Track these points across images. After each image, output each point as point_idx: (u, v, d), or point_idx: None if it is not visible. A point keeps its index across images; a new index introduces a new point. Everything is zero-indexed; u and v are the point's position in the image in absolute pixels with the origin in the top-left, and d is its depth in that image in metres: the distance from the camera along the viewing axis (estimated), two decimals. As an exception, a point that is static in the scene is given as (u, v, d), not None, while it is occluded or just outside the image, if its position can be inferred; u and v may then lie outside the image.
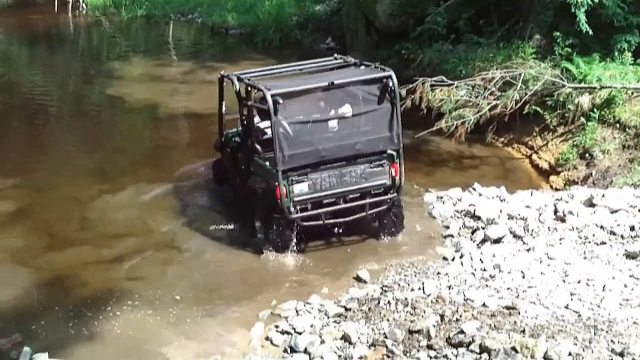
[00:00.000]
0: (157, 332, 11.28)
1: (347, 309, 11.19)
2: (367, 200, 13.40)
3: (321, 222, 13.27)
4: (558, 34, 18.54)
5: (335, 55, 15.64)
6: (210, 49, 31.75)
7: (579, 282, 11.10)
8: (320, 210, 13.17)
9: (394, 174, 13.47)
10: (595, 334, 9.57)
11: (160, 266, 13.14)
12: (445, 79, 17.39)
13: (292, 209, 12.94)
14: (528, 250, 12.40)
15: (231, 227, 14.46)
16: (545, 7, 20.68)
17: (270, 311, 11.58)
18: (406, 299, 11.07)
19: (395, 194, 13.59)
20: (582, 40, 18.36)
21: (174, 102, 22.60)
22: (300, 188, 12.93)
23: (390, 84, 13.21)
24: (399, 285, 11.89)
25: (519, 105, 17.00)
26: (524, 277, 11.50)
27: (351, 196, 13.36)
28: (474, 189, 15.19)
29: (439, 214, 14.51)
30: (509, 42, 20.23)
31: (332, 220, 13.38)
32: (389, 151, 13.47)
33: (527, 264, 11.87)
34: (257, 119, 14.16)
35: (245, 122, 14.48)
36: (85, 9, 40.35)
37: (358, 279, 12.38)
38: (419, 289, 11.54)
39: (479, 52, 20.68)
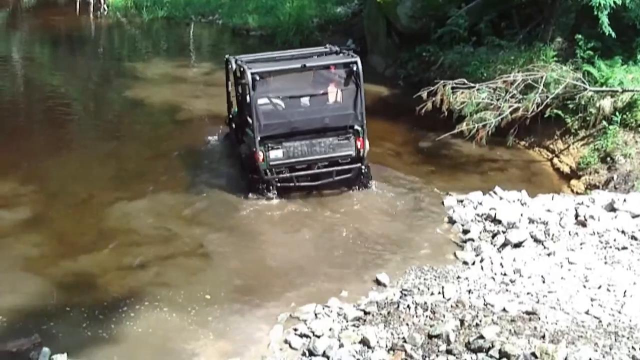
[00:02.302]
0: (179, 330, 11.31)
1: (366, 313, 11.15)
2: (335, 168, 15.64)
3: (293, 184, 15.63)
4: (580, 36, 18.49)
5: (327, 45, 17.84)
6: (231, 50, 31.73)
7: (599, 287, 11.03)
8: (293, 174, 15.57)
9: (359, 146, 15.57)
10: (615, 340, 9.50)
11: (180, 270, 13.12)
12: (466, 81, 17.34)
13: (267, 172, 15.36)
14: (549, 254, 12.34)
15: (256, 230, 14.61)
16: (567, 10, 20.53)
17: (289, 314, 11.59)
18: (426, 303, 11.01)
19: (360, 164, 15.70)
20: (604, 43, 18.30)
21: (195, 104, 22.53)
22: (276, 154, 15.35)
23: (355, 68, 15.36)
24: (418, 289, 11.86)
25: (540, 108, 16.94)
26: (544, 281, 11.45)
27: (321, 164, 15.63)
28: (495, 193, 15.14)
29: (460, 218, 14.46)
30: (530, 44, 20.11)
31: (304, 184, 15.78)
32: (356, 127, 15.59)
33: (548, 268, 11.81)
34: (248, 97, 15.77)
35: (240, 98, 16.81)
36: (106, 10, 40.50)
37: (377, 282, 12.38)
38: (439, 293, 11.50)
39: (500, 54, 20.57)
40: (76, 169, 17.60)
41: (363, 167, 15.82)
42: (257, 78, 15.04)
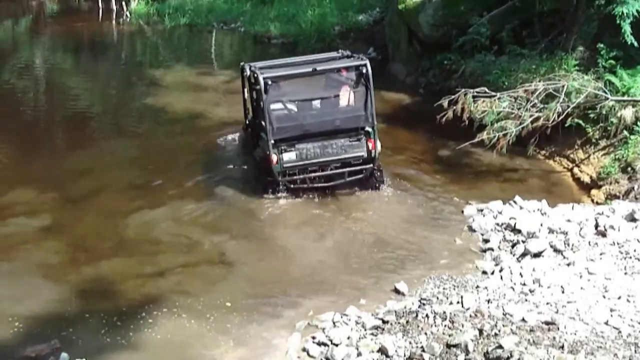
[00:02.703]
0: (199, 337, 11.36)
1: (384, 322, 11.13)
2: (347, 169, 16.04)
3: (306, 185, 16.00)
4: (602, 45, 18.41)
5: (339, 50, 18.43)
6: (252, 58, 31.80)
7: (619, 298, 10.97)
8: (306, 175, 15.97)
9: (370, 147, 15.90)
10: (635, 351, 9.44)
11: (200, 278, 13.15)
12: (487, 90, 17.28)
13: (281, 174, 15.77)
14: (568, 264, 12.28)
15: (274, 237, 14.69)
16: (589, 19, 20.50)
17: (308, 322, 11.58)
18: (444, 312, 10.99)
19: (371, 165, 16.05)
20: (626, 52, 18.21)
21: (215, 111, 22.60)
22: (289, 156, 15.72)
23: (364, 71, 15.74)
24: (437, 298, 11.84)
25: (561, 117, 16.86)
26: (563, 292, 11.40)
27: (334, 165, 16.00)
28: (515, 202, 15.10)
29: (479, 227, 14.43)
30: (552, 53, 20.06)
31: (317, 185, 16.10)
32: (367, 128, 15.93)
33: (567, 278, 11.75)
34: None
35: (254, 103, 17.33)
36: (129, 17, 40.84)
37: (396, 291, 12.36)
38: (458, 302, 11.47)
39: (521, 63, 20.51)
40: (96, 176, 17.67)
41: (375, 167, 16.18)
42: (269, 82, 15.47)
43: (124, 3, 42.31)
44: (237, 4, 39.60)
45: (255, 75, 16.03)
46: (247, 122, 18.80)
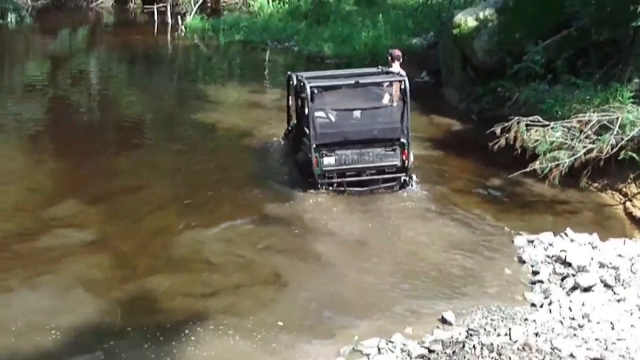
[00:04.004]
0: (245, 356, 11.41)
1: (430, 351, 11.10)
2: (381, 176, 17.39)
3: (343, 188, 17.24)
4: (658, 78, 18.27)
5: (379, 66, 19.93)
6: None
7: (670, 337, 10.87)
8: (344, 179, 17.26)
9: (404, 157, 17.17)
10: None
11: (251, 298, 13.09)
12: (540, 119, 17.22)
13: (321, 177, 17.08)
14: (619, 300, 12.18)
15: (328, 256, 14.74)
16: (645, 50, 20.37)
17: (353, 346, 11.53)
18: (492, 344, 10.93)
19: (404, 174, 17.36)
20: (683, 85, 18.05)
21: (265, 129, 22.59)
22: (329, 161, 17.04)
23: (403, 86, 17.16)
24: (485, 329, 11.78)
25: (614, 150, 16.71)
26: (613, 328, 11.30)
27: (369, 172, 17.30)
28: (566, 234, 14.98)
29: (529, 258, 14.31)
30: (607, 84, 19.82)
31: (352, 188, 17.31)
32: (402, 139, 17.18)
33: (617, 315, 11.66)
34: (306, 109, 17.54)
35: (298, 110, 18.53)
36: (184, 31, 41.16)
37: (443, 320, 12.26)
38: (506, 334, 11.41)
39: (575, 93, 20.27)
40: (145, 192, 17.75)
41: (407, 177, 17.46)
42: (315, 92, 16.87)
43: (179, 17, 42.72)
44: (292, 23, 39.89)
45: (302, 83, 17.41)
46: (289, 128, 19.98)
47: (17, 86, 29.89)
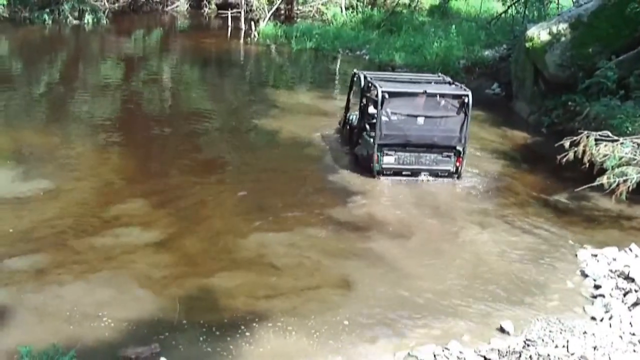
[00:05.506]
0: (304, 354, 11.41)
1: None
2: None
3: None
4: None
5: (439, 74, 21.88)
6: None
7: None
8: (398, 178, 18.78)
9: (457, 164, 18.71)
10: None
11: (318, 300, 13.08)
12: (610, 134, 17.05)
13: (379, 172, 18.65)
14: (681, 318, 12.01)
15: (394, 259, 14.74)
16: None
17: (408, 351, 11.50)
18: (549, 355, 10.87)
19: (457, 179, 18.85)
20: None
21: (333, 135, 22.74)
22: (389, 159, 18.59)
23: (466, 100, 18.36)
24: (542, 340, 11.69)
25: (683, 168, 16.50)
26: (674, 345, 11.15)
27: (424, 174, 18.81)
28: (630, 250, 14.83)
29: (592, 272, 14.17)
30: (679, 102, 19.67)
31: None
32: (458, 147, 18.60)
33: (679, 332, 11.50)
34: (371, 108, 19.28)
35: (362, 107, 19.94)
36: (256, 37, 41.47)
37: (501, 329, 12.20)
38: (563, 346, 11.33)
39: (647, 110, 20.15)
40: (211, 196, 17.76)
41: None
42: (387, 96, 18.22)
43: (253, 23, 43.07)
44: (364, 32, 40.26)
45: (371, 85, 19.31)
46: (346, 119, 21.82)
47: (91, 85, 30.29)
